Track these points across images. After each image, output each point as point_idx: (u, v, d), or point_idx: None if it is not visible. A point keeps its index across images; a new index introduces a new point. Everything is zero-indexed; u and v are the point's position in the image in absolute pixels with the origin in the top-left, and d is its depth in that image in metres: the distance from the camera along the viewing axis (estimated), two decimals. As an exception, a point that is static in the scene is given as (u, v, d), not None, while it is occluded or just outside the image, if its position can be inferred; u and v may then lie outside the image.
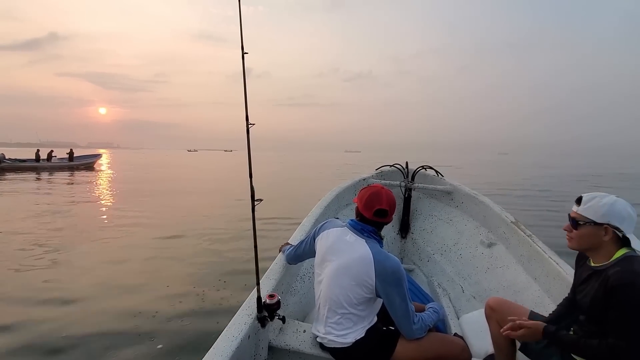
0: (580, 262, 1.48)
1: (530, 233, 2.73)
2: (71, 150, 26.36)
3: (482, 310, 2.43)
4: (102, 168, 27.89)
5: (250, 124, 1.49)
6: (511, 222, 2.95)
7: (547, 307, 2.17)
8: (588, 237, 1.32)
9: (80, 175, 19.31)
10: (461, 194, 3.79)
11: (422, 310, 1.73)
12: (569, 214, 1.40)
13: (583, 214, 1.33)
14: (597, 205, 1.31)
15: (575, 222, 1.35)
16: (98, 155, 28.13)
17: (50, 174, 19.84)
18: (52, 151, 24.69)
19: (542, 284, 2.38)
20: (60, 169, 23.37)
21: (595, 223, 1.30)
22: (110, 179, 18.47)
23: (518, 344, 1.65)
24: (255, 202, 1.53)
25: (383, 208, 1.50)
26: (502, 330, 1.45)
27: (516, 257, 2.79)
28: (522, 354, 1.64)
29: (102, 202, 10.53)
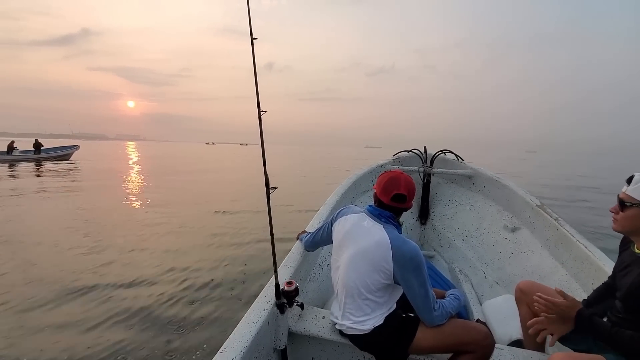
0: (625, 247, 1.40)
1: (557, 216, 2.63)
2: (37, 140, 22.35)
3: (507, 296, 2.38)
4: (134, 161, 24.88)
5: (263, 111, 1.48)
6: (536, 205, 2.84)
7: (574, 292, 2.10)
8: (633, 219, 1.24)
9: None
10: (483, 178, 3.68)
11: (443, 296, 1.70)
12: (617, 195, 1.31)
13: (631, 194, 1.24)
14: None
15: (622, 203, 1.27)
16: (74, 147, 23.89)
17: (10, 167, 16.50)
18: (12, 142, 21.29)
19: (569, 269, 2.29)
20: (21, 162, 19.35)
21: None
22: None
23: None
24: (270, 190, 1.53)
25: (401, 193, 1.47)
26: (536, 307, 1.39)
27: (542, 242, 2.69)
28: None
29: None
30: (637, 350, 1.14)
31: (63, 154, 23.02)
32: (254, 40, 1.46)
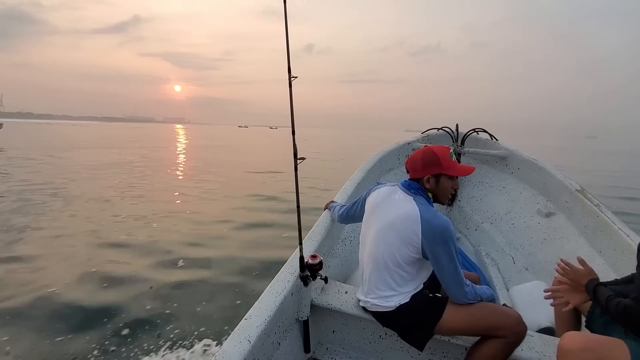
0: None
1: (598, 202, 2.45)
2: None
3: (537, 282, 2.28)
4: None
5: (293, 77, 1.41)
6: (576, 190, 2.67)
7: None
8: None
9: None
10: (518, 159, 3.48)
11: (473, 278, 1.64)
12: None
13: None
14: None
15: None
16: None
17: None
18: None
19: (607, 257, 2.16)
20: None
21: None
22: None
23: (583, 321, 1.52)
24: (298, 161, 1.48)
25: (406, 167, 1.51)
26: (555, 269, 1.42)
27: (579, 229, 2.54)
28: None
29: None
30: (619, 316, 1.13)
31: None
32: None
